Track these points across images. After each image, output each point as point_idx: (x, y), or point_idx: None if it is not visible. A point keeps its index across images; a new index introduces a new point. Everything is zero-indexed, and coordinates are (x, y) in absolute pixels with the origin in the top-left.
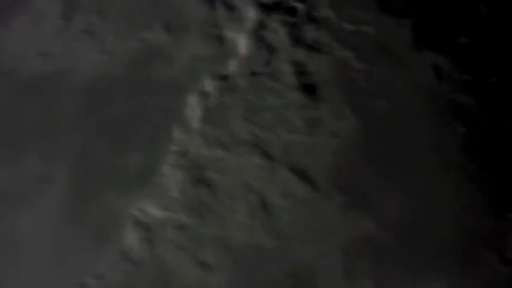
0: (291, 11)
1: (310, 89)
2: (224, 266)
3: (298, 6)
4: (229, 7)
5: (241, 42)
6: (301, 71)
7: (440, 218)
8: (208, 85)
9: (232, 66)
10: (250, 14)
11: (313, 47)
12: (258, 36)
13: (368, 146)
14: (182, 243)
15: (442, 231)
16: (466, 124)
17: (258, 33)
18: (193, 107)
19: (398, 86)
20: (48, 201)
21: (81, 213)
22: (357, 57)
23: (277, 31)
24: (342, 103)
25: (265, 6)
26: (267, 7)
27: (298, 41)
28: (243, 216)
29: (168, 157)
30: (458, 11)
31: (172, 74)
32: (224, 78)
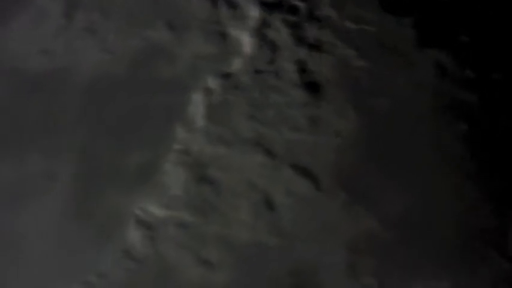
0: (293, 10)
1: (313, 87)
2: (227, 264)
3: (300, 5)
4: (232, 5)
5: (244, 41)
6: (303, 70)
7: (443, 216)
8: (211, 83)
9: (235, 65)
10: (253, 12)
11: (316, 45)
12: (260, 34)
13: (370, 144)
14: (184, 242)
15: (444, 229)
16: (469, 122)
17: (260, 32)
18: (196, 105)
19: (401, 84)
20: (51, 199)
21: (83, 212)
22: (359, 56)
23: (280, 30)
24: (344, 101)
25: (267, 5)
26: (270, 5)
27: (300, 39)
28: (246, 214)
29: (170, 155)
30: (461, 8)
31: (175, 73)
32: (227, 76)
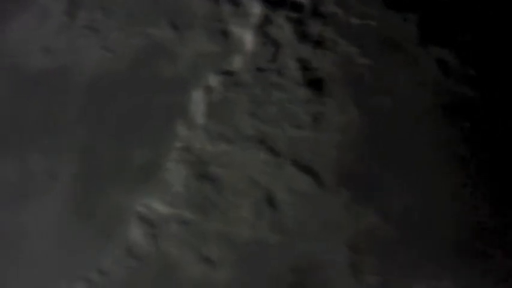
0: (297, 7)
1: (316, 84)
2: (228, 262)
3: (304, 1)
4: (234, 2)
5: (247, 38)
6: (306, 67)
7: (445, 214)
8: (212, 81)
9: (237, 62)
10: (256, 10)
11: (319, 42)
12: (263, 31)
13: (373, 141)
14: (186, 239)
15: (446, 228)
16: (471, 120)
17: (263, 29)
18: (197, 102)
19: (404, 81)
20: (52, 198)
21: (85, 210)
22: (362, 53)
23: (283, 27)
24: (347, 98)
25: (270, 2)
26: (272, 2)
27: (303, 36)
28: (248, 211)
29: (172, 153)
30: (464, 6)
31: (176, 71)
32: (229, 74)
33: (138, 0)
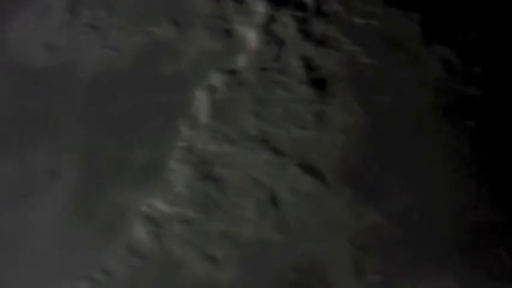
0: (300, 6)
1: (319, 83)
2: (232, 261)
3: (308, 0)
4: (238, 1)
5: (250, 37)
6: (310, 66)
7: (448, 213)
8: (216, 80)
9: (241, 61)
10: (260, 8)
11: (322, 41)
12: (267, 30)
13: (376, 141)
14: (189, 238)
15: (449, 227)
16: (474, 118)
17: (267, 28)
18: (200, 102)
19: (407, 80)
20: (54, 197)
21: (89, 209)
22: (365, 52)
23: (287, 25)
24: (350, 98)
25: (274, 0)
26: (276, 1)
27: (307, 35)
28: (251, 211)
29: (175, 152)
30: (467, 5)
31: (179, 69)
32: (232, 72)
33: None
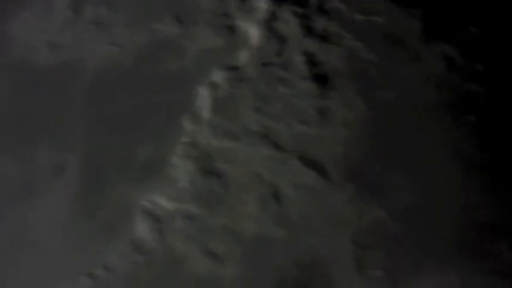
0: (302, 2)
1: (321, 79)
2: (234, 256)
3: None
4: None
5: (253, 33)
6: (312, 62)
7: (450, 208)
8: (218, 76)
9: (243, 57)
10: (262, 4)
11: (324, 37)
12: (269, 26)
13: (378, 136)
14: (192, 234)
15: (451, 223)
16: (476, 115)
17: (269, 24)
18: (203, 98)
19: (408, 76)
20: (58, 192)
21: (91, 205)
22: (367, 48)
23: (289, 21)
24: (352, 93)
25: None
26: None
27: (309, 31)
28: (253, 206)
29: (178, 148)
30: (468, 1)
31: (183, 66)
32: (235, 68)
33: None
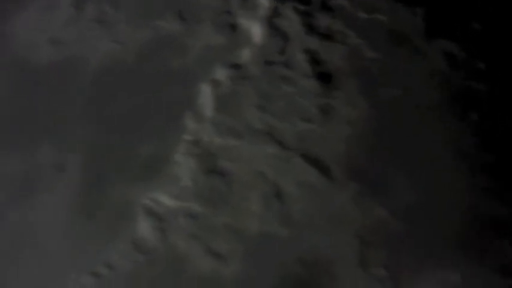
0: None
1: (324, 77)
2: (237, 255)
3: None
4: None
5: (255, 31)
6: (315, 59)
7: (453, 206)
8: (221, 74)
9: (245, 55)
10: (264, 2)
11: (327, 35)
12: (271, 24)
13: (381, 134)
14: (194, 232)
15: (454, 220)
16: (479, 112)
17: (271, 21)
18: (206, 95)
19: (411, 74)
20: (60, 191)
21: (93, 203)
22: (370, 46)
23: (291, 19)
24: (355, 91)
25: None
26: None
27: (312, 29)
28: (256, 205)
29: (180, 146)
30: None
31: (185, 63)
32: (237, 66)
33: None
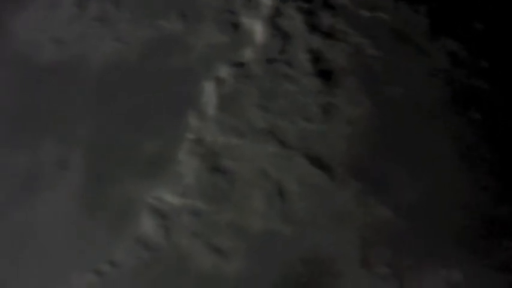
0: None
1: (326, 75)
2: (239, 253)
3: None
4: None
5: (257, 30)
6: (317, 58)
7: (455, 204)
8: (223, 73)
9: (247, 54)
10: (266, 1)
11: (329, 34)
12: (274, 23)
13: (383, 133)
14: (198, 230)
15: (456, 218)
16: (481, 110)
17: (274, 20)
18: (208, 94)
19: (414, 72)
20: (63, 188)
21: (97, 200)
22: (372, 44)
23: (293, 18)
24: (357, 90)
25: None
26: None
27: (314, 28)
28: (258, 203)
29: (183, 144)
30: None
31: (187, 62)
32: (240, 65)
33: None
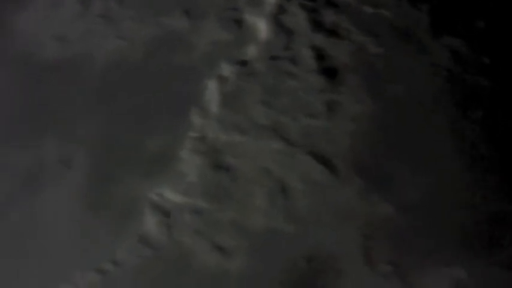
0: None
1: (330, 73)
2: (242, 250)
3: None
4: None
5: (261, 27)
6: (320, 55)
7: (458, 202)
8: (226, 70)
9: (251, 51)
10: None
11: (333, 31)
12: (277, 20)
13: (386, 130)
14: (200, 228)
15: (459, 216)
16: (483, 108)
17: (277, 18)
18: (211, 92)
19: (416, 70)
20: (66, 186)
21: (99, 199)
22: (375, 42)
23: (297, 15)
24: (360, 87)
25: None
26: None
27: (317, 25)
28: (261, 200)
29: (186, 142)
30: None
31: (191, 60)
32: (243, 63)
33: None
